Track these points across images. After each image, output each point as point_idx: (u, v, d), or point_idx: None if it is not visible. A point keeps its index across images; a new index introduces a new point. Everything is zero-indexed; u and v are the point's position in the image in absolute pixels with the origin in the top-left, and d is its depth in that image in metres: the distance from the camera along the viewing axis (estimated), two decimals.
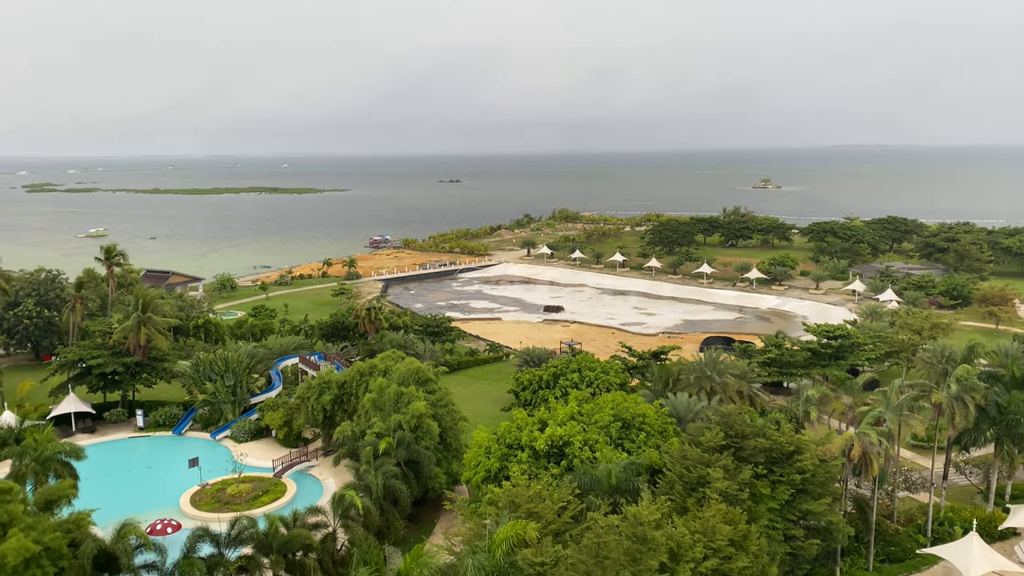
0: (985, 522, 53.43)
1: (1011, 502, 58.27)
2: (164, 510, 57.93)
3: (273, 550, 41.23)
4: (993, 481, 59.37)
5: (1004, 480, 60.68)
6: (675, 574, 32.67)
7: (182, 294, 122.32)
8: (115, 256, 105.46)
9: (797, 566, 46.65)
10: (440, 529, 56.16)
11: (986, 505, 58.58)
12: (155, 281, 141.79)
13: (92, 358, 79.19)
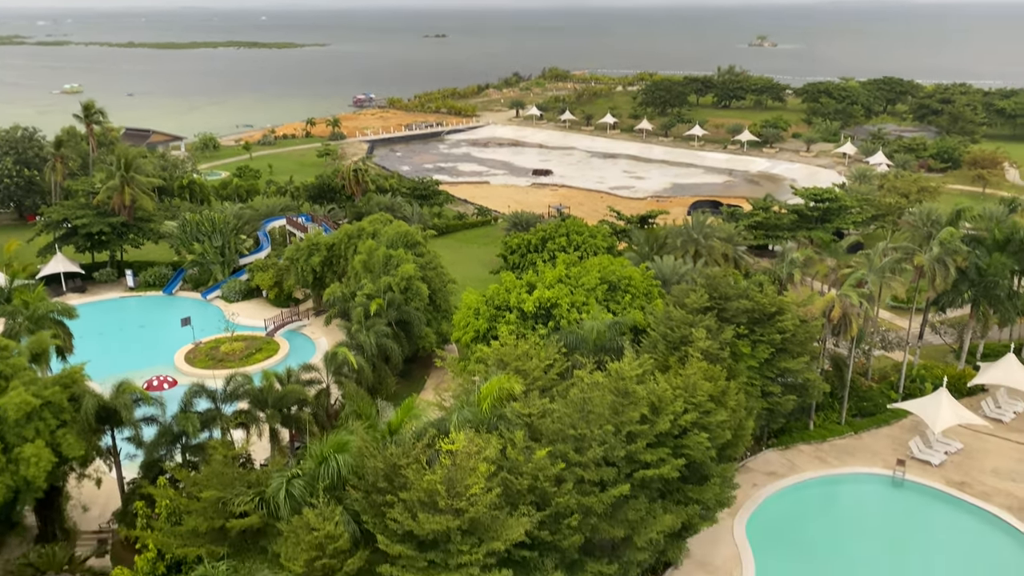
0: (955, 379, 55.53)
1: (982, 360, 60.37)
2: (160, 367, 59.24)
3: (268, 405, 42.56)
4: (966, 341, 61.27)
5: (977, 340, 62.61)
6: (655, 425, 34.06)
7: (164, 153, 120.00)
8: (94, 114, 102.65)
9: (773, 420, 48.78)
10: (431, 385, 57.96)
11: (958, 363, 60.71)
12: (136, 140, 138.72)
13: (77, 218, 78.63)
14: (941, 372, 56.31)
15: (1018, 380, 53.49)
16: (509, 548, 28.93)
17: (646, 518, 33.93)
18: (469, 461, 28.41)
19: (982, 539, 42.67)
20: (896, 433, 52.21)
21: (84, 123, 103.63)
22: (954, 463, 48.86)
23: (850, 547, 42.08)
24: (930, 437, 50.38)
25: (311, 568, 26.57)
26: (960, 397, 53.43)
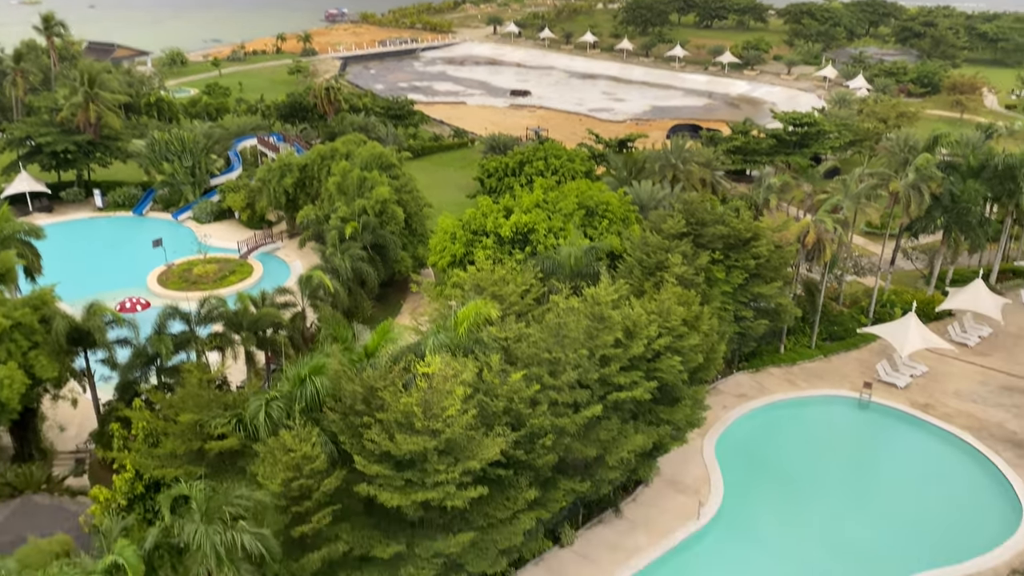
0: (924, 304, 56.53)
1: (951, 286, 61.42)
2: (132, 289, 58.61)
3: (243, 328, 42.40)
4: (936, 266, 62.17)
5: (947, 265, 63.53)
6: (629, 349, 34.45)
7: (130, 69, 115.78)
8: (54, 26, 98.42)
9: (744, 343, 49.57)
10: (407, 310, 58.01)
11: (927, 289, 61.71)
12: (99, 54, 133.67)
13: (41, 135, 76.31)
14: (911, 297, 57.24)
15: (984, 305, 54.56)
16: (485, 467, 29.51)
17: (618, 438, 34.66)
18: (446, 384, 28.65)
19: (943, 459, 44.18)
20: (864, 356, 53.35)
21: (44, 36, 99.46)
22: (919, 385, 50.18)
23: (815, 466, 43.43)
24: (897, 360, 51.57)
25: (289, 488, 26.94)
26: (928, 322, 54.50)
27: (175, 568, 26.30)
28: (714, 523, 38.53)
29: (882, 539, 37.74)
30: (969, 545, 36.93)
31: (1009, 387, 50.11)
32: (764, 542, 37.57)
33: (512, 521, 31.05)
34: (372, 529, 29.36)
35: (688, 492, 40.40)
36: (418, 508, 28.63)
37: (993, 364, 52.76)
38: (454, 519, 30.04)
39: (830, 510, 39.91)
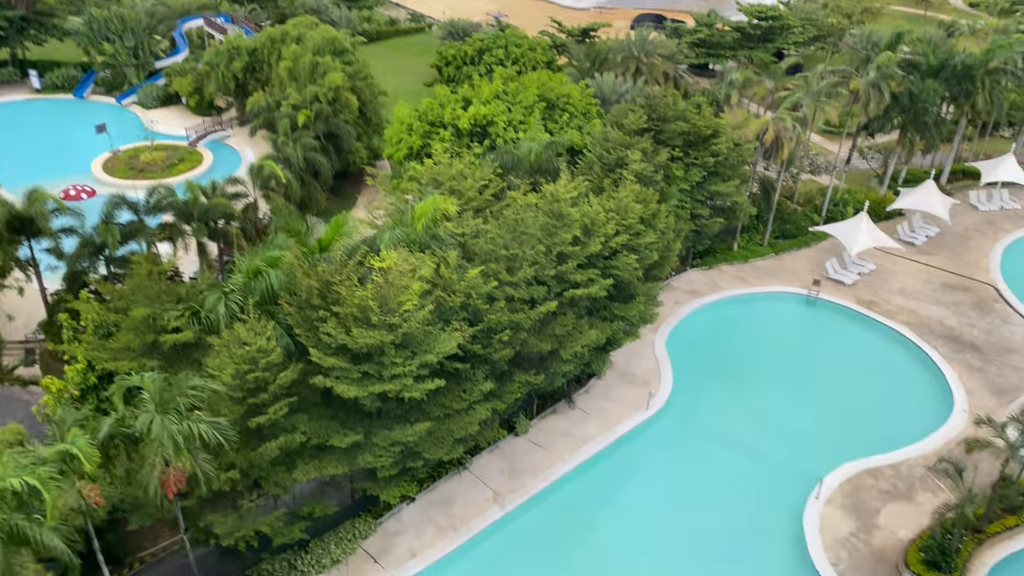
0: (876, 204, 57.41)
1: (903, 186, 62.33)
2: (76, 176, 56.59)
3: (194, 218, 41.39)
4: (891, 166, 62.84)
5: (901, 165, 64.27)
6: (587, 247, 34.56)
7: None
8: None
9: (699, 241, 50.09)
10: (362, 203, 57.12)
11: (880, 188, 62.57)
12: None
13: None
14: (863, 197, 58.00)
15: (934, 206, 55.64)
16: (442, 361, 29.85)
17: (572, 333, 35.22)
18: (402, 279, 28.53)
19: (884, 353, 45.91)
20: (815, 255, 54.41)
21: None
22: (865, 283, 51.56)
23: (760, 360, 44.85)
24: (846, 259, 52.73)
25: (244, 381, 26.98)
26: (878, 221, 55.52)
27: (131, 457, 26.46)
28: (662, 413, 39.90)
29: (822, 428, 39.55)
30: (903, 434, 38.92)
31: (950, 285, 51.78)
32: (709, 430, 39.11)
33: (468, 412, 31.72)
34: (329, 420, 29.76)
35: (638, 384, 41.58)
36: (375, 400, 29.02)
37: (937, 263, 54.29)
38: (411, 410, 30.56)
39: (773, 401, 41.53)
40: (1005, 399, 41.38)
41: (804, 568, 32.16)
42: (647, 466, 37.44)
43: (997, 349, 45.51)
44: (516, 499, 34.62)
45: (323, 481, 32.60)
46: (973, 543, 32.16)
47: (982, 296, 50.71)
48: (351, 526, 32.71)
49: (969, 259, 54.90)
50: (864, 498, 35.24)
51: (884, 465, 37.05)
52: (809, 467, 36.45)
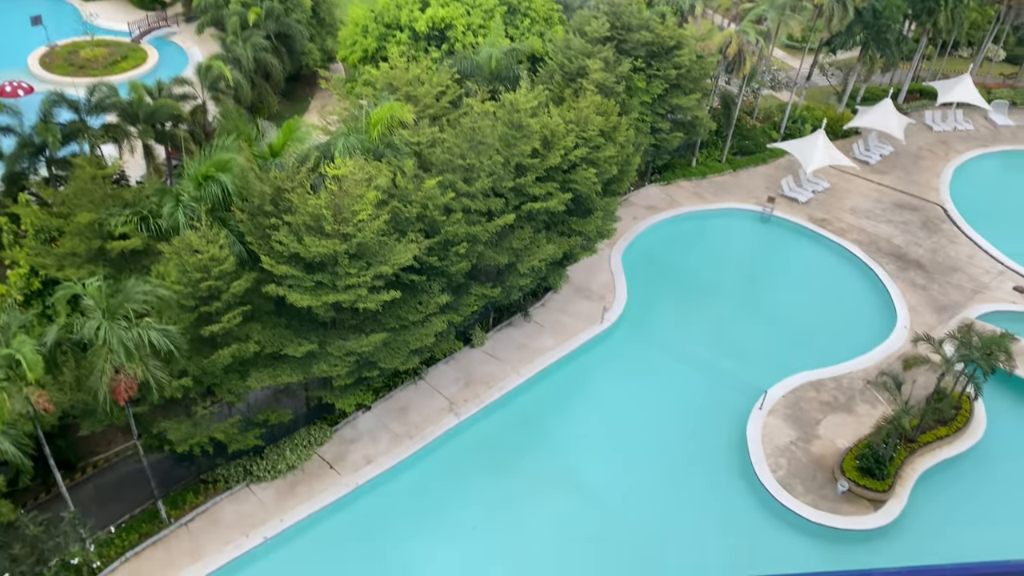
0: (833, 121, 57.61)
1: (861, 104, 62.49)
2: (11, 72, 53.71)
3: (140, 119, 39.77)
4: (850, 84, 62.75)
5: (860, 83, 64.24)
6: (546, 160, 34.18)
7: None
8: None
9: (658, 156, 49.92)
10: (315, 107, 55.39)
11: (839, 106, 62.62)
12: None
13: None
14: (822, 114, 58.09)
15: (890, 125, 56.02)
16: (397, 272, 29.68)
17: (530, 247, 35.19)
18: (357, 188, 27.97)
19: (833, 271, 46.90)
20: (771, 172, 54.70)
21: None
22: (819, 201, 52.18)
23: (714, 276, 45.53)
24: (801, 176, 53.15)
25: (197, 289, 26.53)
26: (835, 139, 55.82)
27: (79, 364, 26.09)
28: (616, 326, 40.51)
29: (769, 342, 40.62)
30: (847, 349, 40.19)
31: (901, 204, 52.70)
32: (661, 342, 39.91)
33: (424, 324, 31.79)
34: (283, 329, 29.58)
35: (594, 298, 42.00)
36: (329, 310, 28.85)
37: (889, 182, 55.07)
38: (366, 320, 30.52)
39: (724, 315, 42.40)
40: (945, 316, 42.82)
41: (746, 474, 33.55)
42: (600, 377, 38.24)
43: (941, 268, 46.80)
44: (471, 408, 35.20)
45: (278, 389, 32.66)
46: (905, 452, 33.77)
47: (930, 216, 51.78)
48: (307, 433, 33.03)
49: (920, 179, 55.76)
50: (806, 409, 36.58)
51: (827, 378, 38.36)
52: (755, 379, 37.58)
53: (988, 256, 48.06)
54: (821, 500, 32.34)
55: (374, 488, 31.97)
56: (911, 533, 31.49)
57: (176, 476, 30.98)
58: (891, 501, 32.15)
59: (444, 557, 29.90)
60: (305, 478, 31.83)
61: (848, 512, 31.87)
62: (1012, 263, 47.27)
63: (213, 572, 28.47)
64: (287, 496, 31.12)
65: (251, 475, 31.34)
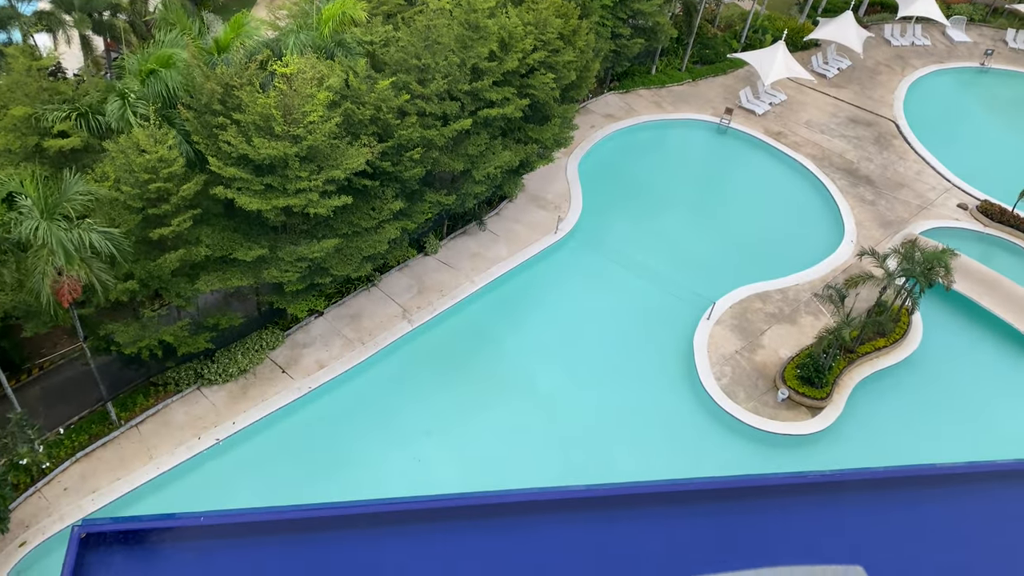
0: (794, 33, 57.05)
1: (822, 16, 61.84)
2: None
3: (75, 7, 37.57)
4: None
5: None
6: (503, 63, 33.36)
7: None
8: None
9: (618, 63, 49.07)
10: (263, 1, 52.87)
11: (800, 17, 61.91)
12: None
13: None
14: (783, 25, 57.42)
15: (849, 38, 55.70)
16: (350, 177, 29.11)
17: (486, 154, 34.72)
18: (307, 87, 27.03)
19: (785, 184, 47.37)
20: (730, 83, 54.31)
21: None
22: (775, 113, 52.19)
23: (669, 186, 45.68)
24: (759, 88, 52.90)
25: (144, 190, 25.69)
26: (795, 51, 55.40)
27: (19, 267, 25.34)
28: (570, 236, 40.64)
29: (720, 254, 41.22)
30: (794, 262, 41.03)
31: (855, 119, 53.00)
32: (614, 253, 40.23)
33: (377, 230, 31.45)
34: (232, 232, 29.01)
35: (549, 208, 41.90)
36: (279, 214, 28.29)
37: (845, 96, 55.18)
38: (318, 226, 30.06)
39: (677, 227, 42.78)
40: (890, 231, 43.81)
41: (691, 381, 34.58)
42: (553, 287, 38.56)
43: (890, 184, 47.57)
44: (424, 316, 35.34)
45: (228, 293, 32.31)
46: (845, 362, 35.04)
47: (883, 131, 52.25)
48: (258, 337, 32.91)
49: (876, 94, 55.97)
50: (752, 320, 37.53)
51: (774, 290, 39.25)
52: (704, 290, 38.29)
53: (936, 173, 48.95)
54: (762, 407, 33.59)
55: (327, 392, 32.22)
56: (846, 438, 33.05)
57: (126, 378, 30.78)
58: (828, 408, 33.55)
59: (398, 461, 30.53)
60: (257, 382, 31.90)
61: (787, 418, 33.22)
62: (958, 180, 48.25)
63: (166, 472, 28.71)
64: (239, 399, 31.23)
65: (202, 378, 31.28)
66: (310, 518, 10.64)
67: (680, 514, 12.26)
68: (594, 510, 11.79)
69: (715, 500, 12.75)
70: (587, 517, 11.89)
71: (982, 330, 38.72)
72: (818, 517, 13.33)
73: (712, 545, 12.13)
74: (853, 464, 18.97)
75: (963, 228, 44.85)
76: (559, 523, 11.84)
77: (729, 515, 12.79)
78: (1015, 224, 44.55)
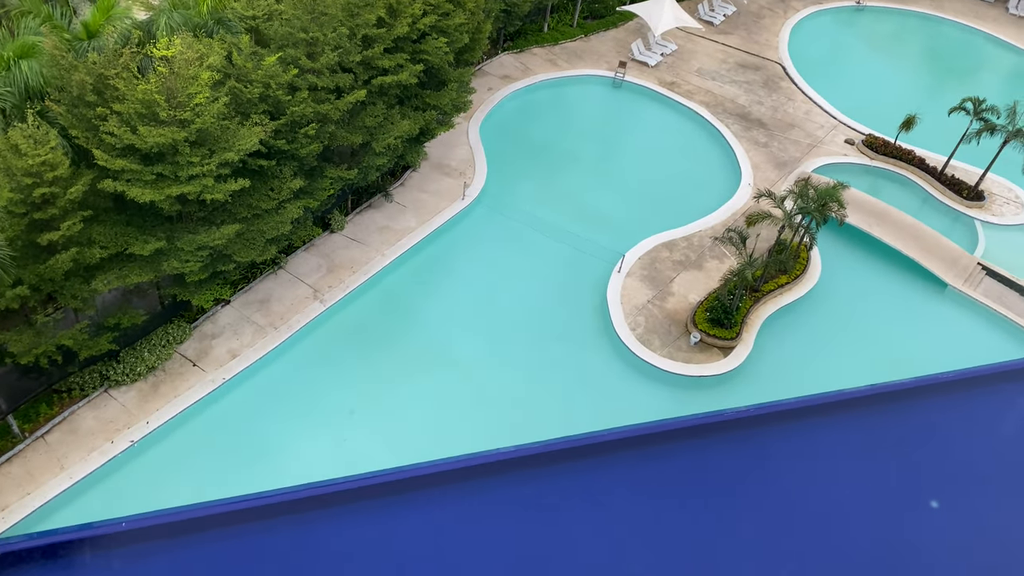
0: None
1: None
2: None
3: None
4: None
5: None
6: (393, 29, 32.69)
7: None
8: None
9: (509, 22, 48.78)
10: None
11: None
12: None
13: None
14: None
15: None
16: (244, 158, 28.16)
17: (384, 124, 34.12)
18: (189, 69, 25.85)
19: (683, 133, 48.33)
20: (622, 36, 54.78)
21: None
22: (667, 64, 53.00)
23: (570, 143, 45.97)
24: (650, 39, 53.56)
25: (28, 195, 24.15)
26: (681, 1, 56.18)
27: None
28: (478, 201, 40.54)
29: (626, 206, 41.91)
30: (696, 208, 42.11)
31: (744, 64, 54.37)
32: (522, 214, 40.37)
33: (278, 211, 30.61)
34: (126, 226, 27.71)
35: (454, 175, 41.62)
36: (174, 203, 27.15)
37: (733, 43, 56.47)
38: (216, 212, 29.02)
39: (582, 183, 43.19)
40: (785, 171, 45.38)
41: (607, 333, 35.26)
42: (465, 253, 38.48)
43: (781, 125, 49.16)
44: (336, 294, 34.75)
45: (128, 290, 30.93)
46: (751, 301, 36.35)
47: (771, 74, 53.80)
48: (164, 332, 31.73)
49: (761, 38, 57.48)
50: (660, 269, 38.42)
51: (679, 238, 40.23)
52: (613, 244, 38.92)
53: (823, 111, 50.82)
54: (677, 352, 34.59)
55: (243, 381, 31.44)
56: (758, 374, 34.43)
57: (25, 388, 29.24)
58: (739, 347, 34.81)
59: (323, 444, 30.16)
60: (168, 378, 30.86)
61: (701, 360, 34.32)
62: (844, 117, 50.24)
63: (80, 480, 27.58)
64: (151, 398, 30.16)
65: (109, 380, 30.03)
66: (238, 510, 10.37)
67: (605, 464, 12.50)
68: (523, 469, 11.90)
69: (637, 447, 13.06)
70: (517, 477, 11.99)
71: (875, 259, 40.75)
72: (738, 453, 13.80)
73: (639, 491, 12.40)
74: (766, 398, 19.87)
75: (852, 163, 46.88)
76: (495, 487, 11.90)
77: (653, 460, 13.12)
78: (898, 155, 46.82)
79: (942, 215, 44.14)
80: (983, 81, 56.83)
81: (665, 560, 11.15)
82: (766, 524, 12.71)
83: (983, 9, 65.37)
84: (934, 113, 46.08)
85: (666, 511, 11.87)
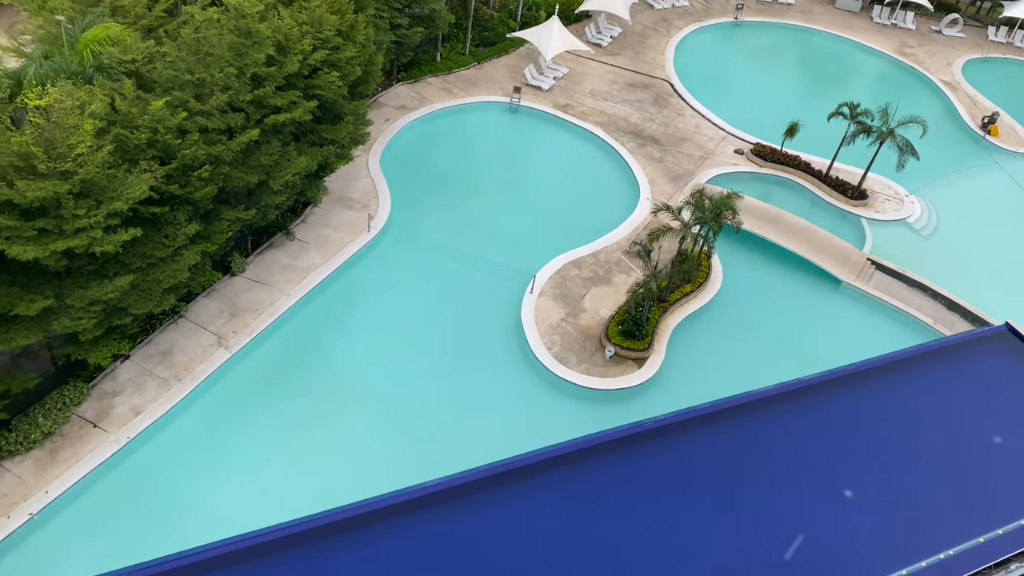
0: (565, 6, 59.17)
1: None
2: None
3: None
4: None
5: None
6: (283, 67, 32.21)
7: None
8: None
9: (402, 53, 48.86)
10: (2, 26, 47.81)
11: None
12: None
13: None
14: (555, 0, 59.39)
15: (616, 6, 58.55)
16: (135, 207, 27.08)
17: (281, 162, 33.47)
18: (69, 118, 24.76)
19: (581, 154, 49.24)
20: (514, 62, 55.59)
21: None
22: (560, 87, 54.03)
23: (473, 170, 46.18)
24: (542, 64, 54.53)
25: None
26: (569, 24, 57.56)
27: None
28: (384, 232, 40.16)
29: (532, 228, 42.28)
30: (600, 225, 42.84)
31: (633, 83, 55.94)
32: (430, 243, 40.20)
33: (175, 259, 29.51)
34: (8, 286, 26.16)
35: (357, 207, 41.14)
36: (60, 258, 25.84)
37: (621, 63, 58.08)
38: (107, 264, 27.76)
39: (487, 209, 43.37)
40: (680, 184, 46.76)
41: (524, 354, 35.33)
42: (374, 286, 37.96)
43: (673, 140, 50.71)
44: (242, 339, 33.66)
45: (15, 353, 29.19)
46: (659, 311, 37.13)
47: (660, 92, 55.52)
48: (59, 395, 29.99)
49: (648, 57, 59.32)
50: (571, 287, 38.86)
51: (586, 255, 40.81)
52: (523, 266, 39.16)
53: (711, 124, 52.73)
54: (593, 367, 34.95)
55: (149, 439, 29.97)
56: (671, 382, 35.11)
57: None
58: (652, 357, 35.46)
59: (240, 493, 29.01)
60: (67, 442, 29.15)
61: (617, 374, 34.77)
62: (732, 128, 52.25)
63: None
64: (49, 466, 28.39)
65: (0, 451, 28.14)
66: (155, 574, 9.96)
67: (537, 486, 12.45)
68: (452, 501, 11.74)
69: (562, 465, 13.07)
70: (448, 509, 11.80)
71: (772, 262, 42.32)
72: (657, 459, 14.00)
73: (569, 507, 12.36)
74: (682, 405, 20.29)
75: (743, 171, 48.74)
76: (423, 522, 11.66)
77: (577, 475, 13.15)
78: (785, 161, 48.96)
79: (831, 215, 46.31)
80: (856, 86, 60.29)
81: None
82: (684, 525, 12.87)
83: (850, 19, 69.46)
84: (815, 119, 48.48)
85: (590, 529, 11.88)
